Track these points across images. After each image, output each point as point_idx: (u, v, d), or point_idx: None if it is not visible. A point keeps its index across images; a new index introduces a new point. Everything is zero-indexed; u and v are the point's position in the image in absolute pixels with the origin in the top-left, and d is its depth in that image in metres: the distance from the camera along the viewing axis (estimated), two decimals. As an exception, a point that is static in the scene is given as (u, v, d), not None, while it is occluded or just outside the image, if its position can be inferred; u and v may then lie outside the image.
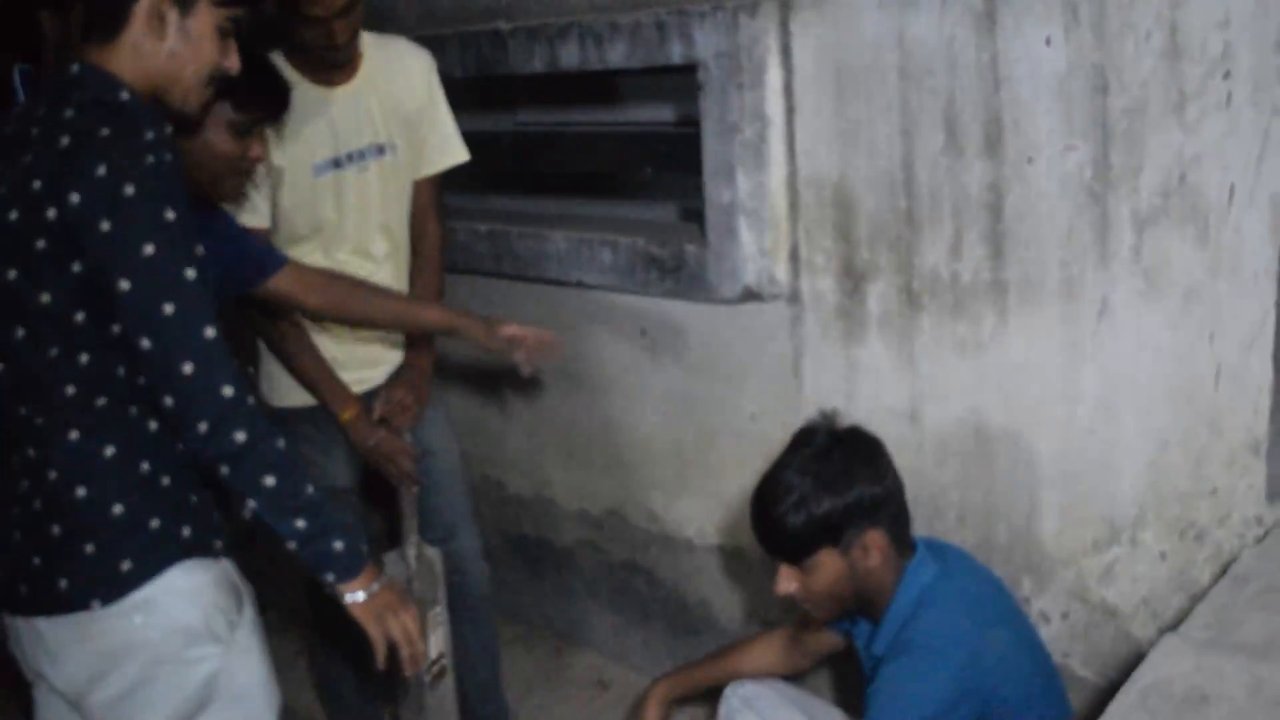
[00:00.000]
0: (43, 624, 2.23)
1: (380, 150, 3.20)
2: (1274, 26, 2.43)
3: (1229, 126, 2.51)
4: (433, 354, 3.43)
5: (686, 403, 3.68)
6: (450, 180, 3.46)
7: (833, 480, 2.48)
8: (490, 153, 4.24)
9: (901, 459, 3.06)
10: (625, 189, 4.19)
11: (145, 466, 2.19)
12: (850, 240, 3.15)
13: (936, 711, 2.36)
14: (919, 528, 3.09)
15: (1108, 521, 2.85)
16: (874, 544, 2.51)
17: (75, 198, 2.03)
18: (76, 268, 2.06)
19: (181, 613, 2.22)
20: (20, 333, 2.12)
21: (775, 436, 2.70)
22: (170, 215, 2.05)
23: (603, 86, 3.96)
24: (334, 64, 3.10)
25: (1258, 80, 2.46)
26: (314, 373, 3.19)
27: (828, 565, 2.52)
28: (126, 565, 2.18)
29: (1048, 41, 2.71)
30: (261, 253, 2.82)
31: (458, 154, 3.37)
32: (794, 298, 3.31)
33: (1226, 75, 2.50)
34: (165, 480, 2.21)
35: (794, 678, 3.10)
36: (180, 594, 2.22)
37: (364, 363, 3.30)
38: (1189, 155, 2.57)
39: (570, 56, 3.55)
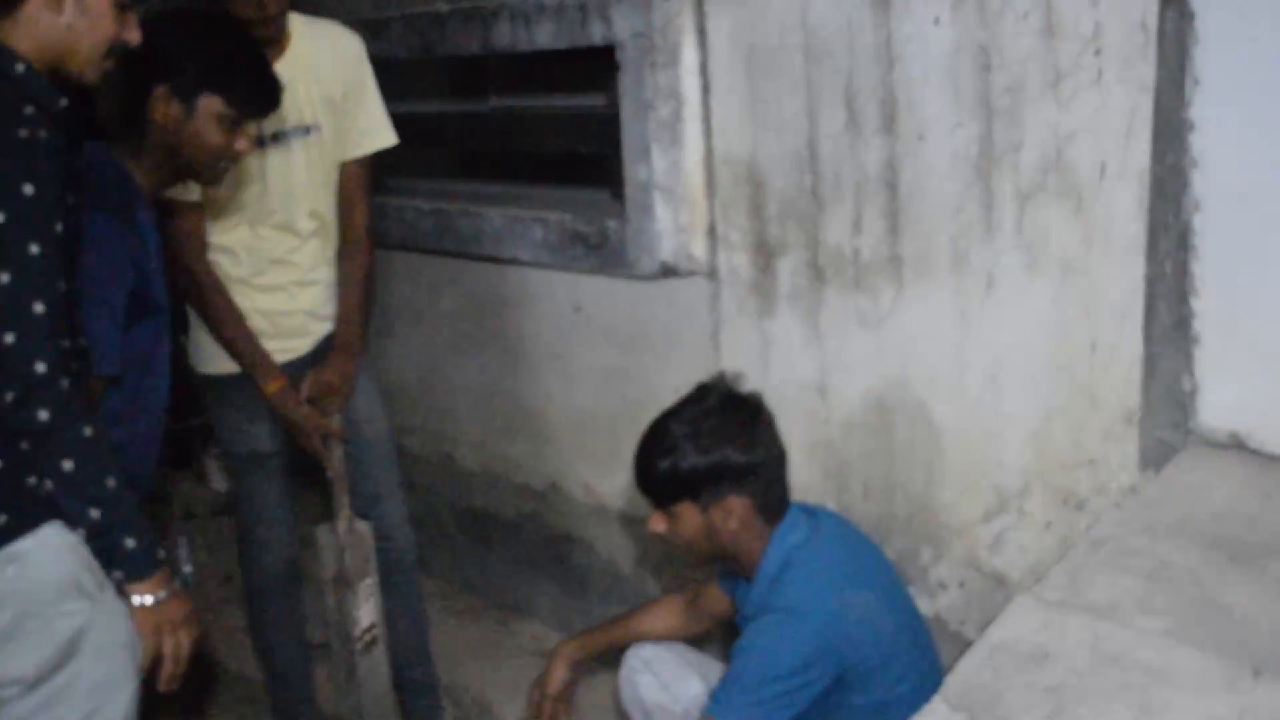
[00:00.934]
0: None
1: (306, 130, 3.28)
2: (1139, 4, 2.49)
3: (1100, 103, 2.57)
4: (360, 332, 3.50)
5: (617, 377, 3.77)
6: (401, 162, 3.54)
7: (703, 439, 2.57)
8: (450, 135, 4.34)
9: (811, 432, 3.16)
10: (571, 171, 4.26)
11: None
12: (762, 217, 3.23)
13: (791, 669, 2.44)
14: (827, 499, 3.18)
15: (997, 491, 2.92)
16: (734, 509, 2.59)
17: None
18: None
19: (53, 567, 2.28)
20: None
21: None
22: (28, 190, 2.12)
23: (552, 70, 4.04)
24: (263, 38, 3.18)
25: (1125, 57, 2.52)
26: (241, 343, 3.28)
27: (687, 517, 2.61)
28: (1, 519, 2.25)
29: (936, 21, 2.78)
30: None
31: (386, 138, 3.45)
32: (712, 273, 3.39)
33: (1097, 53, 2.56)
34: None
35: (695, 640, 3.17)
36: (53, 550, 2.28)
37: (289, 333, 3.39)
38: (1064, 132, 2.63)
39: (502, 37, 3.64)
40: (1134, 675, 2.16)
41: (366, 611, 3.48)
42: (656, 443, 2.63)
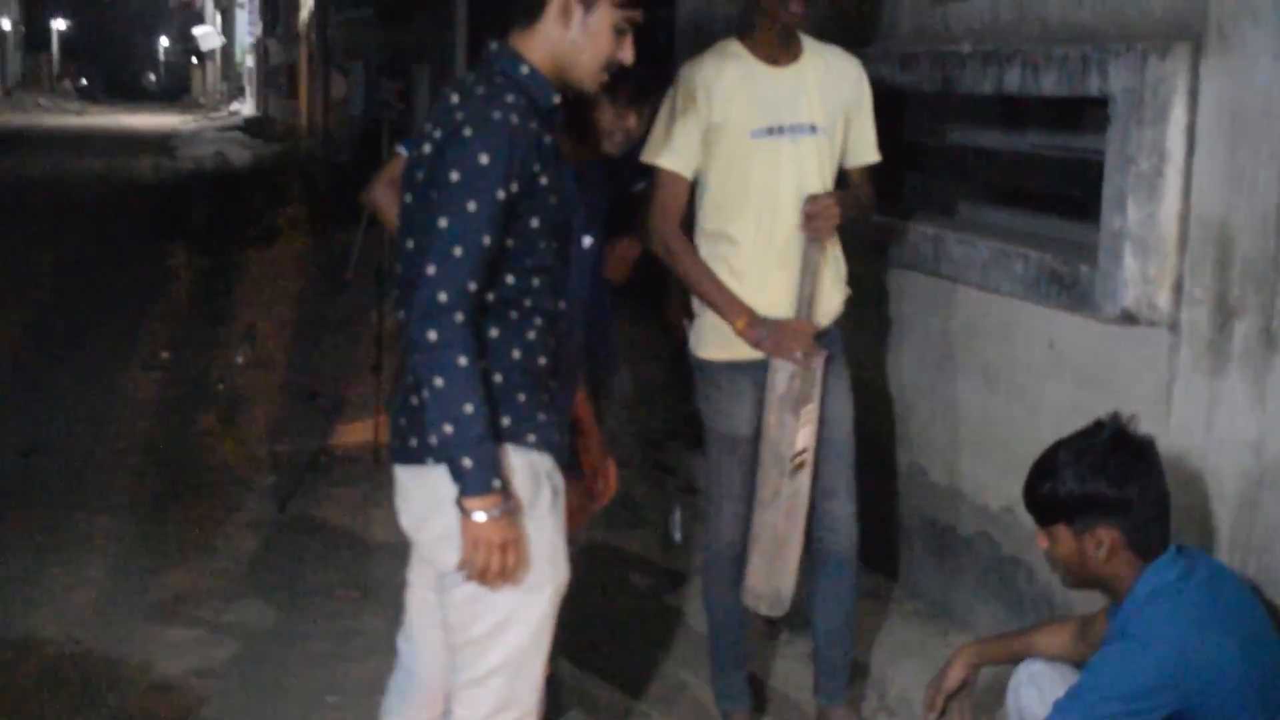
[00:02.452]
0: (399, 470, 2.87)
1: (813, 129, 3.70)
2: None
3: None
4: (851, 213, 3.79)
5: (1077, 414, 3.89)
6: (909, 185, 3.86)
7: (1083, 469, 2.77)
8: (958, 166, 4.62)
9: (1243, 489, 3.26)
10: (1055, 205, 4.44)
11: (483, 364, 2.69)
12: (1226, 278, 3.32)
13: (1131, 693, 2.61)
14: (1249, 554, 3.26)
15: None
16: (1106, 539, 2.77)
17: (438, 134, 2.68)
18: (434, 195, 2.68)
19: None
20: (410, 244, 2.76)
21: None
22: (483, 159, 2.62)
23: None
24: (784, 33, 3.68)
25: None
26: (710, 289, 3.75)
27: (1062, 540, 2.82)
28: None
29: None
30: None
31: (873, 154, 3.86)
32: (1173, 326, 3.50)
33: None
34: (497, 378, 2.74)
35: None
36: None
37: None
38: None
39: (1012, 81, 3.89)
40: None
41: (804, 436, 3.77)
42: (1043, 466, 2.86)
